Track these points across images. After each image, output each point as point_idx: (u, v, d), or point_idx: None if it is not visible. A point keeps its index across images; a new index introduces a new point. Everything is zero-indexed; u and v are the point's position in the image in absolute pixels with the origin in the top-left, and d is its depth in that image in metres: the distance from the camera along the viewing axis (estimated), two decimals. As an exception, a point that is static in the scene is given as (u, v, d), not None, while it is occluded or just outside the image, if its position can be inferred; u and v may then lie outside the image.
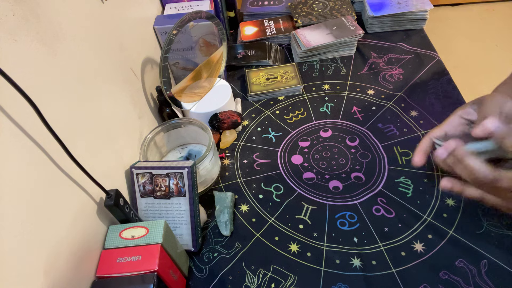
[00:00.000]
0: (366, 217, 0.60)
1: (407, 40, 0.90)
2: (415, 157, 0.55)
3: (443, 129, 0.54)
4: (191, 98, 0.73)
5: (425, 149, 0.55)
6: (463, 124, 0.53)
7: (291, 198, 0.64)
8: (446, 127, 0.54)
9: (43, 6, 0.41)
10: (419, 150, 0.55)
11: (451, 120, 0.54)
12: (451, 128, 0.54)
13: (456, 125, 0.54)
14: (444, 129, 0.54)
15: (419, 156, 0.54)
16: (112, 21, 0.58)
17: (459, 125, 0.53)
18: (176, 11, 0.79)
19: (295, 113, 0.78)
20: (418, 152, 0.55)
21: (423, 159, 0.54)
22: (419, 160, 0.54)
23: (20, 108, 0.35)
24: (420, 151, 0.55)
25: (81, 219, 0.45)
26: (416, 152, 0.55)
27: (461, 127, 0.53)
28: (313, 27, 0.90)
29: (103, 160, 0.51)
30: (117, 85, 0.58)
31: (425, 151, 0.54)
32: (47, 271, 0.38)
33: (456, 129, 0.54)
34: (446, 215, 0.58)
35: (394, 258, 0.54)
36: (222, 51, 0.77)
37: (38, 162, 0.38)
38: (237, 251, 0.58)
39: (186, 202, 0.56)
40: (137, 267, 0.45)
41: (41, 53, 0.40)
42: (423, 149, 0.55)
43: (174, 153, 0.71)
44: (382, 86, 0.80)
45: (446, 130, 0.54)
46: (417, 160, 0.54)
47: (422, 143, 0.55)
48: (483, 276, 0.51)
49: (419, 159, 0.54)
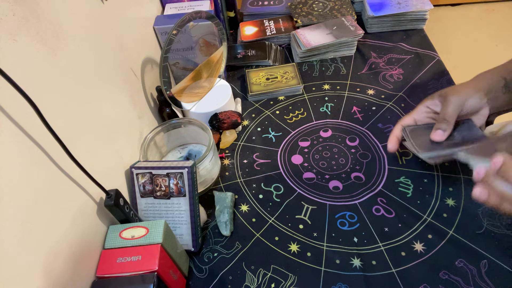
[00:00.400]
0: (366, 217, 0.60)
1: (407, 40, 0.90)
2: (389, 144, 0.60)
3: (412, 117, 0.60)
4: (191, 98, 0.73)
5: (398, 135, 0.60)
6: (429, 113, 0.59)
7: (291, 198, 0.64)
8: (415, 115, 0.60)
9: (43, 6, 0.41)
10: (392, 137, 0.60)
11: (419, 108, 0.60)
12: (419, 116, 0.60)
13: (423, 113, 0.60)
14: (413, 116, 0.60)
15: (392, 142, 0.60)
16: (112, 21, 0.58)
17: (425, 114, 0.59)
18: (176, 11, 0.79)
19: (295, 113, 0.78)
20: (391, 139, 0.60)
21: (395, 145, 0.60)
22: (392, 146, 0.60)
23: (20, 108, 0.35)
24: (393, 138, 0.60)
25: (81, 219, 0.45)
26: (390, 139, 0.60)
27: (427, 115, 0.59)
28: (313, 27, 0.90)
29: (103, 160, 0.51)
30: (117, 85, 0.58)
31: (398, 137, 0.60)
32: (47, 271, 0.38)
33: (423, 116, 0.59)
34: (446, 215, 0.58)
35: (394, 258, 0.54)
36: (222, 51, 0.77)
37: (38, 162, 0.38)
38: (237, 251, 0.58)
39: (186, 202, 0.56)
40: (137, 267, 0.45)
41: (41, 53, 0.40)
42: (395, 135, 0.60)
43: (174, 153, 0.71)
44: (382, 86, 0.80)
45: (415, 117, 0.60)
46: (390, 146, 0.60)
47: (394, 130, 0.60)
48: (483, 276, 0.51)
49: (392, 145, 0.60)
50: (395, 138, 0.60)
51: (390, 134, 0.61)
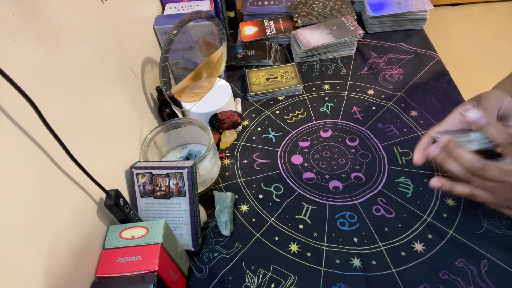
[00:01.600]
0: (366, 217, 0.60)
1: (407, 40, 0.90)
2: (415, 155, 0.54)
3: (443, 127, 0.54)
4: (191, 98, 0.73)
5: (425, 147, 0.54)
6: (462, 121, 0.53)
7: (291, 198, 0.64)
8: (446, 124, 0.54)
9: (43, 6, 0.41)
10: (419, 148, 0.54)
11: (451, 117, 0.54)
12: (451, 126, 0.53)
13: (455, 122, 0.53)
14: (444, 127, 0.54)
15: (419, 154, 0.54)
16: (112, 21, 0.58)
17: (458, 123, 0.53)
18: (176, 11, 0.79)
19: (295, 113, 0.78)
20: (418, 150, 0.54)
21: (422, 157, 0.53)
22: (419, 159, 0.53)
23: (20, 108, 0.35)
24: (419, 149, 0.54)
25: (81, 219, 0.45)
26: (416, 150, 0.54)
27: (460, 125, 0.53)
28: (313, 27, 0.90)
29: (103, 160, 0.51)
30: (117, 85, 0.58)
31: (425, 149, 0.54)
32: (47, 271, 0.38)
33: (455, 126, 0.53)
34: (446, 215, 0.58)
35: (394, 258, 0.54)
36: (222, 51, 0.77)
37: (38, 162, 0.38)
38: (237, 251, 0.58)
39: (186, 202, 0.56)
40: (137, 267, 0.45)
41: (41, 53, 0.40)
42: (422, 147, 0.54)
43: (174, 153, 0.71)
44: (382, 86, 0.80)
45: (446, 127, 0.54)
46: (417, 159, 0.53)
47: (422, 141, 0.54)
48: (483, 276, 0.51)
49: (418, 157, 0.53)
50: (422, 150, 0.54)
51: (417, 145, 0.54)
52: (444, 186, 0.51)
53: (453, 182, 0.50)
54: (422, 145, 0.54)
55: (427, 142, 0.54)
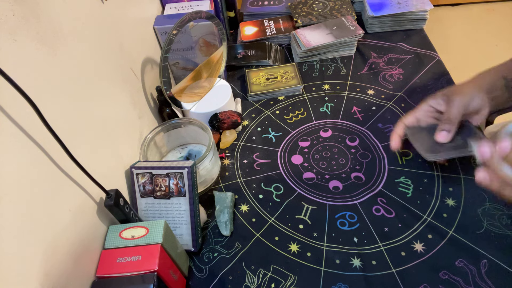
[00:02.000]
0: (366, 217, 0.60)
1: (407, 40, 0.90)
2: (391, 141, 0.60)
3: (414, 116, 0.59)
4: (191, 98, 0.73)
5: (400, 134, 0.59)
6: (432, 112, 0.59)
7: (291, 198, 0.64)
8: (417, 113, 0.59)
9: (43, 6, 0.41)
10: (395, 135, 0.60)
11: (422, 107, 0.59)
12: (421, 115, 0.59)
13: (426, 112, 0.59)
14: (415, 115, 0.59)
15: (395, 140, 0.60)
16: (112, 21, 0.58)
17: (428, 113, 0.59)
18: (176, 11, 0.79)
19: (295, 113, 0.78)
20: (394, 137, 0.60)
21: (398, 143, 0.59)
22: (395, 144, 0.59)
23: (20, 108, 0.35)
24: (395, 137, 0.60)
25: (81, 219, 0.45)
26: (392, 138, 0.60)
27: (430, 115, 0.59)
28: (313, 27, 0.90)
29: (103, 160, 0.51)
30: (117, 85, 0.58)
31: (400, 136, 0.59)
32: (47, 271, 0.38)
33: (426, 115, 0.59)
34: (446, 215, 0.58)
35: (394, 258, 0.54)
36: (222, 51, 0.77)
37: (38, 162, 0.38)
38: (237, 251, 0.58)
39: (186, 202, 0.56)
40: (137, 267, 0.45)
41: (41, 53, 0.40)
42: (398, 134, 0.60)
43: (174, 153, 0.71)
44: (382, 86, 0.80)
45: (417, 116, 0.59)
46: (394, 144, 0.60)
47: (397, 128, 0.60)
48: (483, 276, 0.51)
49: (395, 143, 0.60)
50: (397, 136, 0.60)
51: (392, 132, 0.60)
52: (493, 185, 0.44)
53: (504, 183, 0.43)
54: (397, 133, 0.60)
55: (401, 129, 0.59)
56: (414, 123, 0.59)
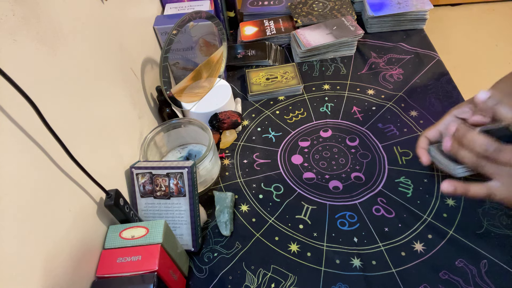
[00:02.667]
0: (366, 217, 0.60)
1: (407, 40, 0.90)
2: (422, 158, 0.56)
3: (437, 129, 0.55)
4: (191, 98, 0.73)
5: (425, 147, 0.56)
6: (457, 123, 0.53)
7: (291, 198, 0.64)
8: (440, 126, 0.55)
9: (43, 6, 0.41)
10: (421, 150, 0.56)
11: (445, 119, 0.55)
12: (445, 128, 0.55)
13: (450, 124, 0.53)
14: (438, 128, 0.55)
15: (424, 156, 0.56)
16: (112, 21, 0.58)
17: (453, 125, 0.52)
18: (176, 11, 0.79)
19: (295, 113, 0.78)
20: (421, 152, 0.57)
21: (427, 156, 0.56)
22: (426, 160, 0.56)
23: (20, 108, 0.35)
24: (422, 151, 0.56)
25: (81, 219, 0.45)
26: (420, 153, 0.57)
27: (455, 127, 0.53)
28: (313, 27, 0.90)
29: (103, 160, 0.51)
30: (117, 85, 0.58)
31: (425, 149, 0.56)
32: (47, 271, 0.38)
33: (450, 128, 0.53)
34: (446, 215, 0.58)
35: (394, 258, 0.54)
36: (222, 51, 0.77)
37: (38, 162, 0.38)
38: (237, 251, 0.58)
39: (186, 202, 0.56)
40: (137, 267, 0.45)
41: (41, 53, 0.40)
42: (422, 148, 0.56)
43: (174, 153, 0.71)
44: (382, 86, 0.80)
45: (440, 129, 0.55)
46: (425, 160, 0.56)
47: (420, 143, 0.57)
48: (483, 276, 0.51)
49: (426, 159, 0.56)
50: (424, 151, 0.56)
51: (416, 148, 0.57)
52: (458, 190, 0.48)
53: (466, 184, 0.47)
54: (422, 147, 0.56)
55: (425, 143, 0.56)
56: (437, 137, 0.56)
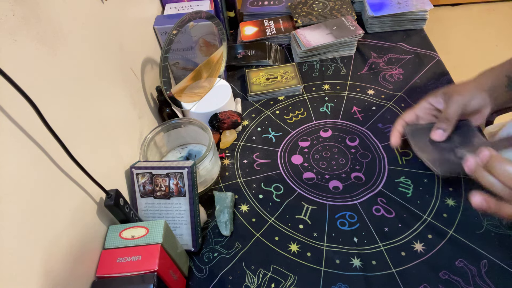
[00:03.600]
0: (366, 217, 0.60)
1: (407, 40, 0.90)
2: (391, 138, 0.60)
3: (414, 112, 0.59)
4: (191, 98, 0.73)
5: (399, 131, 0.59)
6: (431, 109, 0.58)
7: (291, 198, 0.64)
8: (417, 110, 0.59)
9: (43, 6, 0.41)
10: (394, 132, 0.59)
11: (421, 104, 0.59)
12: (420, 112, 0.59)
13: (426, 109, 0.59)
14: (415, 112, 0.59)
15: (395, 137, 0.59)
16: (112, 21, 0.58)
17: (428, 110, 0.58)
18: (176, 11, 0.79)
19: (295, 113, 0.78)
20: (394, 134, 0.59)
21: (398, 139, 0.59)
22: (395, 141, 0.59)
23: (20, 108, 0.35)
24: (395, 133, 0.59)
25: (81, 219, 0.45)
26: (392, 134, 0.60)
27: (429, 112, 0.58)
28: (313, 27, 0.90)
29: (103, 160, 0.51)
30: (117, 85, 0.58)
31: (400, 132, 0.59)
32: (47, 271, 0.38)
33: (425, 112, 0.59)
34: (446, 215, 0.58)
35: (394, 258, 0.54)
36: (222, 51, 0.77)
37: (38, 162, 0.38)
38: (237, 251, 0.58)
39: (186, 202, 0.56)
40: (137, 267, 0.45)
41: (41, 53, 0.40)
42: (397, 130, 0.59)
43: (174, 153, 0.71)
44: (382, 86, 0.80)
45: (417, 113, 0.59)
46: (394, 141, 0.59)
47: (396, 125, 0.60)
48: (483, 276, 0.51)
49: (395, 140, 0.59)
50: (397, 133, 0.59)
51: (391, 129, 0.60)
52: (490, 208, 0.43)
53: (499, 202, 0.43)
54: (397, 129, 0.59)
55: (401, 126, 0.59)
56: (414, 120, 0.59)
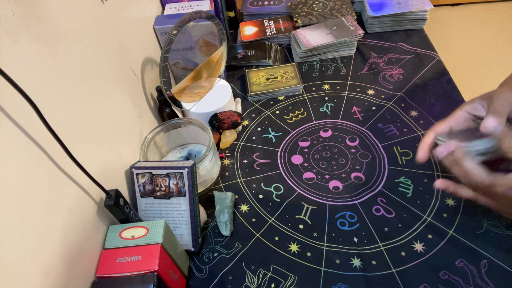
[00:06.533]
0: (366, 217, 0.60)
1: (407, 40, 0.90)
2: (419, 152, 0.52)
3: (448, 124, 0.51)
4: (191, 98, 0.73)
5: (429, 144, 0.51)
6: (469, 120, 0.51)
7: (291, 198, 0.64)
8: (451, 122, 0.51)
9: (43, 6, 0.41)
10: (424, 145, 0.52)
11: (457, 114, 0.51)
12: (456, 123, 0.51)
13: (461, 120, 0.51)
14: (449, 124, 0.51)
15: (423, 151, 0.51)
16: (112, 21, 0.58)
17: (465, 121, 0.51)
18: (176, 11, 0.79)
19: (295, 113, 0.78)
20: (423, 147, 0.52)
21: (427, 154, 0.51)
22: (423, 155, 0.51)
23: (20, 108, 0.35)
24: (424, 147, 0.51)
25: (81, 219, 0.45)
26: (421, 147, 0.52)
27: (467, 123, 0.51)
28: (313, 27, 0.90)
29: (103, 160, 0.51)
30: (117, 85, 0.58)
31: (429, 146, 0.51)
32: (47, 271, 0.38)
33: (461, 124, 0.51)
34: (446, 215, 0.58)
35: (394, 258, 0.54)
36: (222, 51, 0.77)
37: (38, 162, 0.38)
38: (237, 251, 0.58)
39: (186, 202, 0.56)
40: (137, 267, 0.45)
41: (41, 53, 0.40)
42: (427, 144, 0.51)
43: (174, 153, 0.71)
44: (382, 86, 0.80)
45: (451, 125, 0.51)
46: (421, 156, 0.51)
47: (426, 138, 0.52)
48: (483, 276, 0.51)
49: (423, 154, 0.51)
50: (427, 146, 0.51)
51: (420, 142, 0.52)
52: (449, 188, 0.51)
53: (457, 185, 0.50)
54: (427, 142, 0.51)
55: (431, 139, 0.51)
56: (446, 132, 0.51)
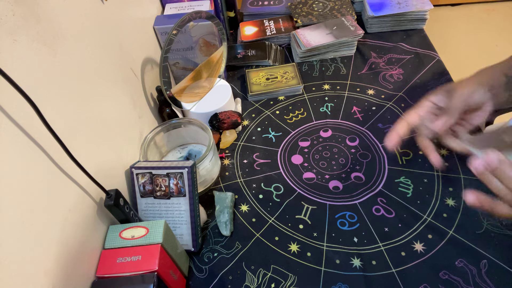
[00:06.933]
0: (366, 217, 0.60)
1: (407, 40, 0.90)
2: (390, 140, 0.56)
3: (416, 112, 0.56)
4: (191, 98, 0.73)
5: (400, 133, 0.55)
6: (433, 108, 0.56)
7: (291, 198, 0.64)
8: (419, 111, 0.56)
9: (43, 6, 0.41)
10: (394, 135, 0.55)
11: (423, 104, 0.57)
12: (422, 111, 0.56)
13: (427, 108, 0.56)
14: (417, 112, 0.56)
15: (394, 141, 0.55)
16: (112, 21, 0.58)
17: (430, 109, 0.56)
18: (176, 11, 0.79)
19: (295, 113, 0.78)
20: (393, 137, 0.55)
21: (396, 142, 0.55)
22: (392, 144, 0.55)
23: (20, 108, 0.35)
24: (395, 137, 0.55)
25: (81, 219, 0.45)
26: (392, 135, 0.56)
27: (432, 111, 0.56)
28: (313, 27, 0.90)
29: (103, 160, 0.51)
30: (117, 85, 0.58)
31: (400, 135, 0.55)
32: (46, 271, 0.38)
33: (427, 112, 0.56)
34: (446, 215, 0.58)
35: (394, 258, 0.54)
36: (222, 51, 0.77)
37: (38, 162, 0.38)
38: (237, 251, 0.58)
39: (186, 202, 0.56)
40: (137, 267, 0.45)
41: (41, 53, 0.40)
42: (398, 134, 0.55)
43: (174, 153, 0.71)
44: (382, 86, 0.80)
45: (420, 113, 0.56)
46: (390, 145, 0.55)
47: (397, 127, 0.56)
48: (483, 276, 0.51)
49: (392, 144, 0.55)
50: (397, 136, 0.56)
51: (390, 130, 0.56)
52: (484, 206, 0.44)
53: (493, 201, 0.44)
54: (398, 132, 0.55)
55: (403, 128, 0.56)
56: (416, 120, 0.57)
